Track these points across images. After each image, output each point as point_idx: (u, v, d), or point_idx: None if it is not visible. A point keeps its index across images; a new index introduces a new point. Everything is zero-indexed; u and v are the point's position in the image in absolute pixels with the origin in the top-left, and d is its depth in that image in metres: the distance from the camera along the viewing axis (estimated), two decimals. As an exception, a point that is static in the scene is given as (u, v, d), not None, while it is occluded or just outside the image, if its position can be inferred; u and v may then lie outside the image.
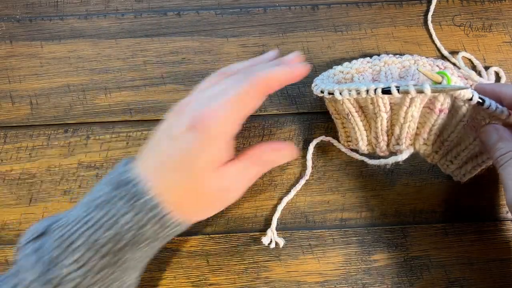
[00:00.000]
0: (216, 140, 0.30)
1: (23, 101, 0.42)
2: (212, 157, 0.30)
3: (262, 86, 0.31)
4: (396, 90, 0.31)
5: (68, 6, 0.44)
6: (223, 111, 0.30)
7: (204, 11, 0.44)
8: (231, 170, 0.32)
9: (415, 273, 0.39)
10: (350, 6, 0.44)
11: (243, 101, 0.31)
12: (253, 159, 0.33)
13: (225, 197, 0.33)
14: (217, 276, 0.39)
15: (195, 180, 0.30)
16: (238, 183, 0.33)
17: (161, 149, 0.31)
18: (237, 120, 0.31)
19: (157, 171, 0.30)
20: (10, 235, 0.39)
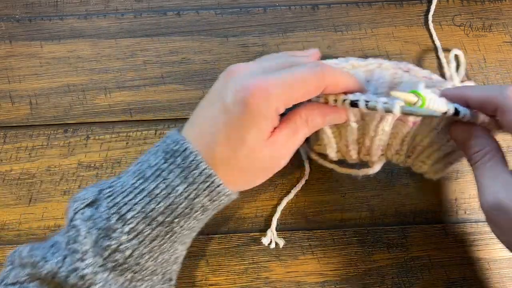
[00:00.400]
0: (266, 116, 0.29)
1: (22, 101, 0.42)
2: (262, 132, 0.30)
3: (327, 81, 0.30)
4: (364, 104, 0.30)
5: (68, 6, 0.44)
6: (277, 89, 0.29)
7: (204, 11, 0.44)
8: (280, 138, 0.31)
9: (415, 274, 0.39)
10: (350, 6, 0.44)
11: (302, 87, 0.30)
12: (300, 123, 0.32)
13: (276, 165, 0.33)
14: (217, 276, 0.39)
15: (246, 154, 0.30)
16: (287, 149, 0.32)
17: (212, 119, 0.30)
18: (287, 102, 0.30)
19: (209, 144, 0.30)
20: (9, 235, 0.39)
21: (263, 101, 0.29)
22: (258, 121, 0.29)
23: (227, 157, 0.30)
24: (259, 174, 0.33)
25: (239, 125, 0.29)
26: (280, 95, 0.29)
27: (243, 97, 0.29)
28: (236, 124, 0.29)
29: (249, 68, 0.31)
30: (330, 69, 0.30)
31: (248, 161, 0.30)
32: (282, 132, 0.31)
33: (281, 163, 0.33)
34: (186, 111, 0.42)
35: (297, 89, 0.29)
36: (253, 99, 0.29)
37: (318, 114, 0.32)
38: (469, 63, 0.42)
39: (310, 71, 0.30)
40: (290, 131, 0.32)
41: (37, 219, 0.39)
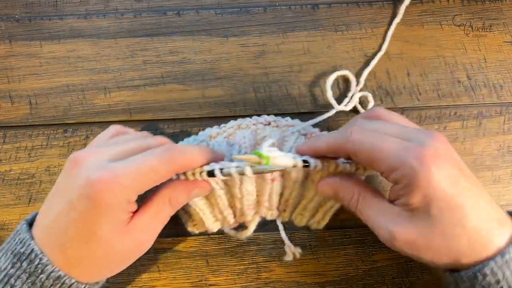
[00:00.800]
0: (116, 208, 0.29)
1: (22, 101, 0.42)
2: (116, 223, 0.29)
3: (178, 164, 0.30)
4: (220, 172, 0.32)
5: (68, 5, 0.44)
6: (124, 180, 0.28)
7: (204, 11, 0.44)
8: (140, 223, 0.31)
9: (415, 274, 0.39)
10: (350, 6, 0.44)
11: (152, 175, 0.29)
12: (162, 203, 0.32)
13: (138, 251, 0.32)
14: (217, 277, 0.39)
15: (102, 250, 0.29)
16: (149, 233, 0.32)
17: (60, 217, 0.29)
18: (138, 191, 0.30)
19: (59, 244, 0.29)
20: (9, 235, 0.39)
21: (110, 195, 0.28)
22: (109, 214, 0.28)
23: (80, 256, 0.29)
24: (121, 264, 0.32)
25: (89, 221, 0.28)
26: (129, 186, 0.28)
27: (89, 193, 0.28)
28: (86, 221, 0.28)
29: (96, 156, 0.30)
30: (179, 152, 0.30)
31: (106, 256, 0.29)
32: (141, 216, 0.31)
33: (143, 248, 0.32)
34: (186, 111, 0.42)
35: (147, 177, 0.29)
36: (100, 194, 0.28)
37: (181, 191, 0.32)
38: (469, 63, 0.42)
39: (159, 158, 0.29)
40: (151, 214, 0.31)
41: (36, 219, 0.39)
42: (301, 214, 0.38)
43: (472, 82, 0.42)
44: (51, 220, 0.29)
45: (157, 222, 0.32)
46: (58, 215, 0.29)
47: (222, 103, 0.42)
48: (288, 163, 0.32)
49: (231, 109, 0.42)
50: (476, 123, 0.41)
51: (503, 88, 0.42)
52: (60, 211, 0.29)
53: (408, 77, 0.42)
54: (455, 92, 0.42)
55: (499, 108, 0.42)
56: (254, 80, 0.42)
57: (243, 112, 0.42)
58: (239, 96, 0.42)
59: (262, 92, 0.42)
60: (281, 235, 0.39)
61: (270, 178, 0.34)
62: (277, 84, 0.42)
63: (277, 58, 0.43)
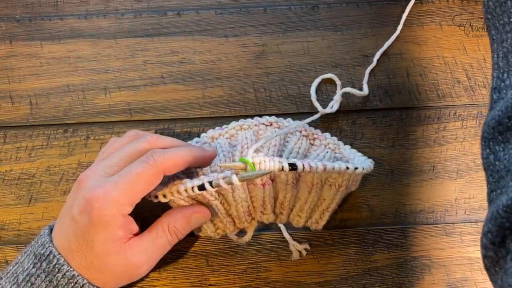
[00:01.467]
0: (108, 222, 0.31)
1: (22, 101, 0.42)
2: (111, 237, 0.31)
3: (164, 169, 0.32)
4: (209, 185, 0.33)
5: (68, 6, 0.44)
6: (115, 193, 0.31)
7: (204, 11, 0.44)
8: (137, 245, 0.32)
9: (415, 274, 0.39)
10: (350, 6, 0.44)
11: (140, 183, 0.31)
12: (161, 231, 0.34)
13: (134, 273, 0.34)
14: (217, 277, 0.39)
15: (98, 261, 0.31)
16: (147, 256, 0.33)
17: (67, 229, 0.32)
18: (130, 201, 0.32)
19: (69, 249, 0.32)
20: (9, 235, 0.39)
21: (104, 208, 0.30)
22: (104, 228, 0.31)
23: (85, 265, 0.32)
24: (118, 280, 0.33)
25: (86, 234, 0.31)
26: (120, 198, 0.31)
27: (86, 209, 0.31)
28: (84, 234, 0.31)
29: (92, 174, 0.33)
30: (162, 155, 0.32)
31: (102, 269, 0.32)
32: (139, 239, 0.33)
33: (136, 272, 0.33)
34: (186, 111, 0.42)
35: (136, 186, 0.31)
36: (95, 210, 0.30)
37: (179, 218, 0.34)
38: (469, 63, 0.42)
39: (143, 165, 0.31)
40: (149, 239, 0.33)
41: (37, 219, 0.39)
42: (298, 215, 0.38)
43: (472, 82, 0.42)
44: (62, 231, 0.33)
45: (154, 248, 0.33)
46: (66, 228, 0.32)
47: (222, 103, 0.42)
48: (274, 167, 0.33)
49: (231, 109, 0.42)
50: (476, 123, 0.41)
51: (503, 88, 0.42)
52: (67, 225, 0.32)
53: (407, 77, 0.42)
54: (455, 92, 0.42)
55: (499, 108, 0.42)
56: (254, 80, 0.42)
57: (243, 112, 0.42)
58: (239, 96, 0.42)
59: (262, 92, 0.42)
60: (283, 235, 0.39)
61: (261, 183, 0.35)
62: (277, 84, 0.42)
63: (277, 58, 0.43)
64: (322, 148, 0.39)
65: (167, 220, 0.34)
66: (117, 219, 0.31)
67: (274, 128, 0.40)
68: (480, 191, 0.40)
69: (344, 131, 0.41)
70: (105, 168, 0.33)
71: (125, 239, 0.32)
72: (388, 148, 0.41)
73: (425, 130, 0.41)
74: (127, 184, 0.31)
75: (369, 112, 0.42)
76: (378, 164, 0.40)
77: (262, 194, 0.36)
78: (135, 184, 0.31)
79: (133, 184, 0.31)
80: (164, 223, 0.34)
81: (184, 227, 0.34)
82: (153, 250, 0.33)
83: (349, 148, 0.39)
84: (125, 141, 0.35)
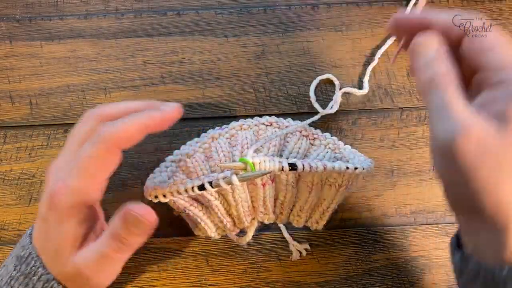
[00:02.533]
0: (65, 215, 0.29)
1: (22, 101, 0.42)
2: (67, 235, 0.29)
3: (115, 144, 0.29)
4: (209, 185, 0.33)
5: (68, 6, 0.44)
6: (74, 183, 0.29)
7: (204, 11, 0.44)
8: (87, 254, 0.30)
9: (415, 274, 0.39)
10: (350, 6, 0.44)
11: (95, 165, 0.29)
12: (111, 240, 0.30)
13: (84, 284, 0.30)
14: (217, 277, 0.39)
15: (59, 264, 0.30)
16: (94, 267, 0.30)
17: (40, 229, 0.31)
18: (92, 187, 0.30)
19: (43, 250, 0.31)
20: (9, 235, 0.39)
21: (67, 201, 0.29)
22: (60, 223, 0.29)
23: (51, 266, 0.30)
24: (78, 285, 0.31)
25: (49, 233, 0.30)
26: (80, 186, 0.29)
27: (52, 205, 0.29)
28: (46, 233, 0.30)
29: (55, 167, 0.31)
30: (110, 128, 0.29)
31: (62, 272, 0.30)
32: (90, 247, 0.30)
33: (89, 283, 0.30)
34: (186, 111, 0.41)
35: (91, 170, 0.29)
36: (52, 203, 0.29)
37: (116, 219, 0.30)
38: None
39: (91, 146, 0.29)
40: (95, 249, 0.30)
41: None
42: (298, 215, 0.38)
43: (472, 82, 0.42)
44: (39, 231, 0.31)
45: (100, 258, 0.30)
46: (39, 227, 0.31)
47: (222, 103, 0.42)
48: (274, 167, 0.33)
49: (231, 109, 0.42)
50: (476, 123, 0.41)
51: (503, 88, 0.42)
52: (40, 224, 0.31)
53: (408, 77, 0.42)
54: (455, 92, 0.42)
55: (499, 108, 0.42)
56: (254, 80, 0.42)
57: (243, 112, 0.42)
58: (239, 96, 0.42)
59: (262, 92, 0.42)
60: (283, 235, 0.39)
61: (261, 183, 0.35)
62: (277, 84, 0.42)
63: (277, 58, 0.43)
64: (322, 148, 0.39)
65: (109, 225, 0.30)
66: (82, 211, 0.30)
67: (274, 128, 0.40)
68: (480, 191, 0.40)
69: (344, 131, 0.41)
70: (62, 158, 0.31)
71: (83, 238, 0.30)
72: (388, 148, 0.41)
73: (425, 130, 0.41)
74: (82, 170, 0.29)
75: (370, 112, 0.42)
76: (378, 164, 0.40)
77: (262, 194, 0.36)
78: (90, 168, 0.29)
79: (88, 168, 0.29)
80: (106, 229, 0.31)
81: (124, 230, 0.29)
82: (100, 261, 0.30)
83: (349, 148, 0.39)
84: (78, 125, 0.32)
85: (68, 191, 0.29)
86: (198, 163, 0.38)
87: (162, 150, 0.41)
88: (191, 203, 0.36)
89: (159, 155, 0.40)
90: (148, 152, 0.41)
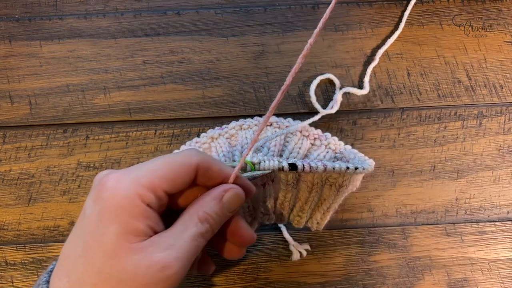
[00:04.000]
0: (124, 208, 0.23)
1: (22, 101, 0.42)
2: (124, 231, 0.23)
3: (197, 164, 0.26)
4: None
5: (67, 5, 0.44)
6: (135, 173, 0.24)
7: (204, 11, 0.44)
8: (162, 241, 0.24)
9: (416, 274, 0.39)
10: (350, 6, 0.44)
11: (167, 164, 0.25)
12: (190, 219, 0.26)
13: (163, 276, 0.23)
14: (217, 277, 0.39)
15: (111, 267, 0.23)
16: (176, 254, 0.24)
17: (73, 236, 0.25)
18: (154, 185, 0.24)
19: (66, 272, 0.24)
20: (9, 235, 0.39)
21: (120, 188, 0.24)
22: (120, 213, 0.23)
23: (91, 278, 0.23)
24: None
25: (97, 225, 0.23)
26: (141, 177, 0.24)
27: (97, 194, 0.24)
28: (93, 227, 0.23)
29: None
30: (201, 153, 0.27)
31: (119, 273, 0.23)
32: (163, 235, 0.25)
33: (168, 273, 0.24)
34: (186, 111, 0.42)
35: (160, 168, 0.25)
36: (109, 192, 0.24)
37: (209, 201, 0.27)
38: (470, 63, 0.42)
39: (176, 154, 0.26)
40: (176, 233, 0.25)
41: (36, 219, 0.39)
42: (298, 216, 0.38)
43: (472, 82, 0.42)
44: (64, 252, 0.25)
45: (183, 242, 0.25)
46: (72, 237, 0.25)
47: (222, 103, 0.42)
48: (274, 168, 0.33)
49: (231, 109, 0.42)
50: (476, 123, 0.41)
51: (503, 88, 0.42)
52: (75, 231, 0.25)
53: (408, 77, 0.42)
54: (455, 92, 0.42)
55: (499, 108, 0.42)
56: (254, 80, 0.42)
57: (243, 112, 0.42)
58: (239, 96, 0.42)
59: (262, 92, 0.42)
60: (283, 235, 0.39)
61: (261, 183, 0.35)
62: (277, 84, 0.42)
63: (277, 58, 0.43)
64: (323, 148, 0.39)
65: (195, 208, 0.26)
66: (136, 205, 0.24)
67: (274, 128, 0.40)
68: (481, 191, 0.40)
69: (345, 131, 0.41)
70: None
71: (146, 235, 0.24)
72: (389, 148, 0.41)
73: (426, 130, 0.41)
74: (151, 166, 0.25)
75: (370, 112, 0.42)
76: (378, 164, 0.40)
77: (262, 194, 0.35)
78: (160, 167, 0.25)
79: (158, 166, 0.25)
80: (191, 211, 0.26)
81: (217, 212, 0.26)
82: (182, 245, 0.24)
83: (350, 148, 0.39)
84: None
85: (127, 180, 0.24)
86: None
87: (162, 150, 0.41)
88: None
89: (159, 155, 0.40)
90: (148, 152, 0.41)
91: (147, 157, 0.40)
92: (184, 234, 0.25)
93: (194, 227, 0.25)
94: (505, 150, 0.41)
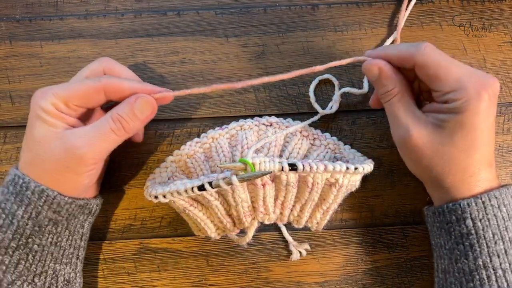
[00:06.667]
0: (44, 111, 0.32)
1: (22, 101, 0.42)
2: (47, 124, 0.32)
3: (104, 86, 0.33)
4: (209, 185, 0.33)
5: (68, 6, 0.44)
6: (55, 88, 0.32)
7: (204, 11, 0.44)
8: (78, 130, 0.32)
9: (415, 274, 0.39)
10: (350, 6, 0.44)
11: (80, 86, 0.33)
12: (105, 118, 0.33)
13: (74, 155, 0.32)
14: (217, 277, 0.39)
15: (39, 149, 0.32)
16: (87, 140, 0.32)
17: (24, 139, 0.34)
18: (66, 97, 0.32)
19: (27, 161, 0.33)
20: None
21: (42, 98, 0.32)
22: (42, 117, 0.32)
23: (30, 160, 0.33)
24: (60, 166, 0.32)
25: (30, 127, 0.33)
26: (58, 92, 0.32)
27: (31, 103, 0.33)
28: (29, 127, 0.33)
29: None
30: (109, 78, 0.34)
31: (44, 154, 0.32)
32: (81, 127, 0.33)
33: (76, 153, 0.32)
34: (186, 111, 0.42)
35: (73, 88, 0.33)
36: (35, 102, 0.32)
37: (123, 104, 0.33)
38: (469, 63, 0.42)
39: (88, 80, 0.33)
40: (91, 126, 0.33)
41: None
42: (298, 215, 0.38)
43: (471, 82, 0.42)
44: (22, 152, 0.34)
45: (95, 132, 0.32)
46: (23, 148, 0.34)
47: (222, 103, 0.42)
48: (274, 168, 0.33)
49: (231, 109, 0.42)
50: (476, 123, 0.41)
51: (502, 89, 0.42)
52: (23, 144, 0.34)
53: (408, 77, 0.42)
54: (455, 92, 0.42)
55: (499, 108, 0.42)
56: (254, 80, 0.42)
57: (243, 112, 0.42)
58: (239, 96, 0.42)
59: (262, 92, 0.42)
60: (283, 235, 0.39)
61: (261, 183, 0.35)
62: (277, 84, 0.42)
63: (277, 58, 0.43)
64: (322, 148, 0.39)
65: (112, 110, 0.33)
66: (51, 109, 0.32)
67: (274, 128, 0.40)
68: (480, 191, 0.40)
69: (344, 131, 0.41)
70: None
71: (63, 128, 0.32)
72: (388, 148, 0.41)
73: (425, 130, 0.41)
74: (69, 85, 0.33)
75: (369, 112, 0.42)
76: (378, 164, 0.40)
77: (262, 194, 0.36)
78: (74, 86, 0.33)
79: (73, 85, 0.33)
80: (109, 112, 0.33)
81: (128, 114, 0.33)
82: (94, 134, 0.32)
83: (349, 148, 0.39)
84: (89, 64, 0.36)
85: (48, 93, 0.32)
86: (198, 163, 0.38)
87: (162, 150, 0.41)
88: (191, 203, 0.36)
89: (159, 155, 0.40)
90: (148, 152, 0.41)
91: (147, 157, 0.41)
92: (97, 127, 0.33)
93: (106, 123, 0.33)
94: (504, 150, 0.41)
